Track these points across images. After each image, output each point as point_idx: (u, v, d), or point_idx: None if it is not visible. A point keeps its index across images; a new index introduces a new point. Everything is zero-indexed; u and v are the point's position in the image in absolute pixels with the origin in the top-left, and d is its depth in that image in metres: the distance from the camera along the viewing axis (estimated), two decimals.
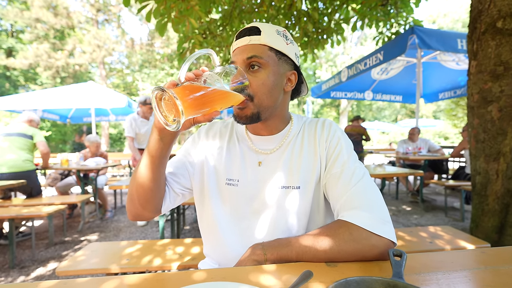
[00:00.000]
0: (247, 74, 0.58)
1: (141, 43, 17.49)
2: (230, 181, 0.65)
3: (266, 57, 0.59)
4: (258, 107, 0.59)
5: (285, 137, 0.66)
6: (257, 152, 0.66)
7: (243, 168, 0.65)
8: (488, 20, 1.72)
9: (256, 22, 0.62)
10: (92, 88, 4.78)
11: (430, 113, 19.40)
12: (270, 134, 0.66)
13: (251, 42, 0.59)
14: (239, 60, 0.59)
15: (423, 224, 2.88)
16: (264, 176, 0.64)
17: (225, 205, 0.65)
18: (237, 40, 0.62)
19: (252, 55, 0.58)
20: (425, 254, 0.51)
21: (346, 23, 3.27)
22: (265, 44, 0.59)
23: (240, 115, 0.60)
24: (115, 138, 17.41)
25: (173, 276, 0.44)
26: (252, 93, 0.58)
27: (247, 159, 0.66)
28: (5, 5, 14.25)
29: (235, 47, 0.61)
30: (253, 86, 0.58)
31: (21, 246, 2.46)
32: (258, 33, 0.59)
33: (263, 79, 0.58)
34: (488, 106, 1.77)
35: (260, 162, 0.65)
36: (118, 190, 4.68)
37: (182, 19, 1.99)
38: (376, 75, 5.42)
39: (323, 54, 17.94)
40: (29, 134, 2.67)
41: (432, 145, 4.07)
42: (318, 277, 0.42)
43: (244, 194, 0.64)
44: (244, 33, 0.61)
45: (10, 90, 14.14)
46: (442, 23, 19.02)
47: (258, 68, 0.59)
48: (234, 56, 0.61)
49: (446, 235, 1.37)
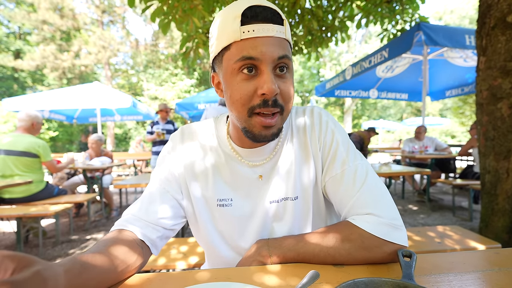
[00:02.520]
0: (274, 78, 0.45)
1: (146, 43, 17.63)
2: (222, 202, 0.55)
3: (291, 59, 0.47)
4: (284, 120, 0.49)
5: (278, 143, 0.56)
6: (250, 165, 0.55)
7: (235, 184, 0.55)
8: (498, 15, 1.68)
9: None
10: (97, 88, 4.83)
11: (437, 111, 19.12)
12: (263, 145, 0.54)
13: (278, 34, 0.44)
14: (267, 58, 0.43)
15: (430, 224, 2.83)
16: (262, 191, 0.55)
17: (219, 227, 0.57)
18: (252, 23, 0.43)
19: (284, 54, 0.44)
20: (435, 255, 0.49)
21: (351, 21, 3.23)
22: (288, 40, 0.46)
23: (265, 134, 0.47)
24: (120, 138, 17.59)
25: (177, 276, 0.44)
26: (283, 103, 0.46)
27: (240, 174, 0.55)
28: (13, 8, 14.51)
29: (252, 35, 0.43)
30: (285, 96, 0.46)
31: (28, 244, 2.50)
32: (282, 23, 0.45)
33: (291, 86, 0.47)
34: (498, 103, 1.73)
35: (261, 176, 0.55)
36: (124, 189, 4.72)
37: (186, 18, 1.99)
38: (381, 73, 5.35)
39: (327, 53, 17.81)
40: (33, 153, 2.35)
41: (439, 143, 4.00)
42: (325, 278, 0.41)
43: (240, 214, 0.55)
44: (264, 16, 0.43)
45: (18, 91, 14.41)
46: (449, 20, 18.72)
47: (286, 72, 0.46)
48: (252, 49, 0.43)
49: (455, 235, 1.34)
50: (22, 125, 2.41)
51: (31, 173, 2.39)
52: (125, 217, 0.52)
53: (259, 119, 0.46)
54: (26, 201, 2.39)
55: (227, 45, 0.45)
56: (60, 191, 2.72)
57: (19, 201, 2.37)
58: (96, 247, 0.43)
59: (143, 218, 0.51)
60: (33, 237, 2.63)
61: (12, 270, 0.25)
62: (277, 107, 0.45)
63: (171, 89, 15.82)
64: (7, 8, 14.65)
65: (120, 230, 0.50)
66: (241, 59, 0.43)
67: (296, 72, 19.46)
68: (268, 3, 0.45)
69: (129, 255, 0.44)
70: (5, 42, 14.54)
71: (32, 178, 2.33)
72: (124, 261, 0.43)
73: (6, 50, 14.75)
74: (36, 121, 2.47)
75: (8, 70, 14.45)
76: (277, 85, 0.45)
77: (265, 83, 0.43)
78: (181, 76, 16.71)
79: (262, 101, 0.44)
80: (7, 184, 1.87)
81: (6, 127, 10.42)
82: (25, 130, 2.42)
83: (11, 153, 2.28)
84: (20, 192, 2.34)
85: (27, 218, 2.40)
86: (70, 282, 0.33)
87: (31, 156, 2.34)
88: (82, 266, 0.36)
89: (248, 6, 0.43)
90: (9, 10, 14.47)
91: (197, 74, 16.96)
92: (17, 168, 2.32)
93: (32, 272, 0.26)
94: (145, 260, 0.50)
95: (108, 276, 0.40)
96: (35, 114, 2.47)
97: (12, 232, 2.82)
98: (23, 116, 2.41)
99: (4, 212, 2.04)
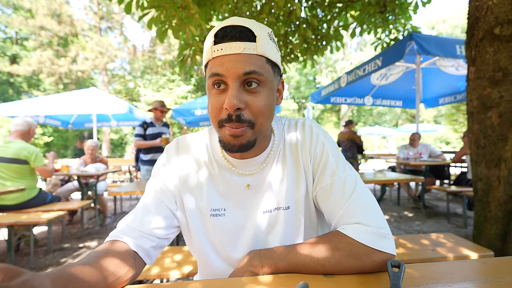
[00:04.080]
0: (242, 94, 0.47)
1: (143, 49, 17.72)
2: (215, 212, 0.56)
3: (266, 73, 0.48)
4: (257, 133, 0.50)
5: (269, 154, 0.57)
6: (240, 174, 0.56)
7: (228, 195, 0.57)
8: (486, 27, 1.73)
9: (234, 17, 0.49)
10: (94, 94, 4.82)
11: (431, 118, 19.42)
12: (253, 156, 0.56)
13: (246, 51, 0.46)
14: (232, 74, 0.46)
15: (425, 230, 2.85)
16: (253, 200, 0.57)
17: (212, 238, 0.57)
18: (221, 43, 0.46)
19: (251, 70, 0.46)
20: (424, 265, 0.50)
21: (345, 30, 3.31)
22: (262, 55, 0.47)
23: (233, 143, 0.48)
24: (116, 143, 17.47)
25: (168, 287, 0.44)
26: (253, 118, 0.48)
27: (231, 184, 0.57)
28: (10, 13, 14.52)
29: (220, 53, 0.46)
30: (253, 109, 0.47)
31: (19, 253, 2.44)
32: (253, 39, 0.46)
33: (263, 101, 0.48)
34: (488, 112, 1.77)
35: (248, 185, 0.57)
36: (118, 196, 4.66)
37: (183, 26, 2.02)
38: (375, 80, 5.45)
39: (323, 60, 18.09)
40: (22, 159, 2.30)
41: (433, 150, 4.06)
42: None
43: (233, 224, 0.56)
44: (233, 35, 0.46)
45: (13, 96, 14.28)
46: (441, 29, 19.22)
47: (257, 87, 0.47)
48: (219, 66, 0.46)
49: (448, 242, 1.36)
50: (18, 129, 2.39)
51: (23, 180, 2.35)
52: (119, 228, 0.53)
53: (227, 129, 0.48)
54: (18, 208, 2.35)
55: (206, 64, 0.50)
56: (54, 198, 2.68)
57: (11, 208, 2.33)
58: (86, 258, 0.43)
59: (137, 228, 0.52)
60: (25, 245, 2.57)
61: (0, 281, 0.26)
62: (243, 123, 0.47)
63: (168, 95, 15.83)
64: (4, 13, 14.67)
65: (113, 241, 0.50)
66: (211, 76, 0.48)
67: (293, 78, 19.67)
68: (242, 22, 0.47)
69: (120, 267, 0.45)
70: (1, 47, 14.50)
71: (24, 185, 2.31)
72: (114, 273, 0.43)
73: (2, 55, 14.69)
74: (33, 128, 2.49)
75: (3, 75, 14.35)
76: (245, 99, 0.47)
77: (228, 98, 0.46)
78: (178, 82, 16.78)
79: (227, 116, 0.47)
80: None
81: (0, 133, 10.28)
82: (19, 136, 2.40)
83: (2, 160, 2.26)
84: (12, 199, 2.30)
85: (18, 226, 2.35)
86: None
87: (20, 163, 2.31)
88: (69, 277, 0.36)
89: (220, 27, 0.47)
90: (6, 15, 14.48)
91: (194, 80, 17.04)
92: (8, 175, 2.29)
93: (20, 282, 0.26)
94: (138, 271, 0.50)
95: None
96: (32, 121, 2.48)
97: (3, 240, 2.75)
98: (20, 121, 2.41)
99: None
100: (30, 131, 2.45)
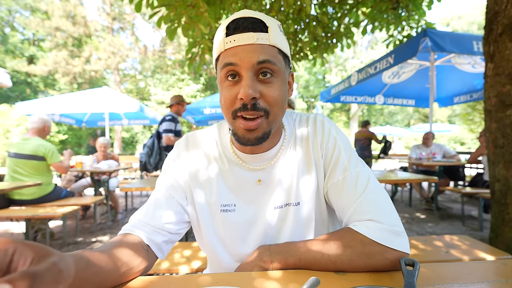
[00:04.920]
0: (256, 84, 0.47)
1: (154, 49, 17.99)
2: (225, 207, 0.56)
3: (278, 63, 0.48)
4: (271, 124, 0.50)
5: (280, 149, 0.57)
6: (251, 169, 0.56)
7: (238, 190, 0.57)
8: (505, 21, 1.66)
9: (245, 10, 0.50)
10: (106, 93, 4.94)
11: (445, 117, 18.83)
12: (264, 151, 0.55)
13: (259, 41, 0.46)
14: (246, 63, 0.46)
15: (438, 233, 2.76)
16: (264, 196, 0.56)
17: (222, 233, 0.57)
18: (233, 34, 0.47)
19: (264, 59, 0.46)
20: (440, 264, 0.48)
21: (356, 27, 3.24)
22: (275, 46, 0.48)
23: (248, 137, 0.48)
24: (127, 141, 17.83)
25: (179, 279, 0.44)
26: (268, 107, 0.48)
27: (242, 179, 0.56)
28: (28, 16, 15.06)
29: (233, 44, 0.46)
30: (268, 99, 0.48)
31: None
32: (265, 30, 0.47)
33: (277, 91, 0.48)
34: (507, 110, 1.70)
35: (259, 180, 0.56)
36: (129, 192, 4.76)
37: (192, 25, 2.03)
38: (387, 78, 5.32)
39: (332, 59, 17.84)
40: (40, 155, 2.39)
41: (447, 150, 3.93)
42: (326, 285, 0.41)
43: (243, 219, 0.56)
44: (245, 27, 0.46)
45: (31, 96, 14.84)
46: (457, 26, 18.57)
47: (270, 77, 0.48)
48: (232, 56, 0.46)
49: (463, 245, 1.31)
50: (34, 127, 2.48)
51: (40, 176, 2.44)
52: (132, 222, 0.54)
53: (241, 122, 0.48)
54: (35, 202, 2.44)
55: (217, 56, 0.50)
56: (68, 193, 2.77)
57: (28, 203, 2.42)
58: (102, 247, 0.44)
59: (149, 223, 0.53)
60: (41, 238, 2.67)
61: (31, 259, 0.27)
62: (258, 111, 0.47)
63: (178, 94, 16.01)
64: (22, 15, 15.23)
65: (126, 234, 0.51)
66: (224, 66, 0.48)
67: (302, 77, 19.50)
68: (253, 14, 0.48)
69: (133, 258, 0.46)
70: (20, 48, 15.08)
71: (41, 180, 2.38)
72: (127, 263, 0.44)
73: (20, 56, 15.27)
74: (47, 125, 2.57)
75: (21, 75, 14.92)
76: (260, 89, 0.47)
77: (242, 87, 0.46)
78: (188, 81, 16.95)
79: (242, 105, 0.47)
80: (17, 186, 1.91)
81: (18, 130, 10.70)
82: (35, 133, 2.49)
83: (20, 156, 2.35)
84: (29, 194, 2.39)
85: (35, 220, 2.44)
86: (77, 274, 0.35)
87: (38, 159, 2.40)
88: (88, 261, 0.38)
89: (232, 20, 0.48)
90: (24, 17, 15.03)
91: (203, 79, 17.17)
92: (26, 170, 2.38)
93: (50, 263, 0.28)
94: (150, 264, 0.51)
95: (111, 276, 0.41)
96: (47, 118, 2.56)
97: (21, 233, 2.87)
98: (35, 119, 2.50)
99: (14, 213, 2.09)
100: (45, 128, 2.54)
